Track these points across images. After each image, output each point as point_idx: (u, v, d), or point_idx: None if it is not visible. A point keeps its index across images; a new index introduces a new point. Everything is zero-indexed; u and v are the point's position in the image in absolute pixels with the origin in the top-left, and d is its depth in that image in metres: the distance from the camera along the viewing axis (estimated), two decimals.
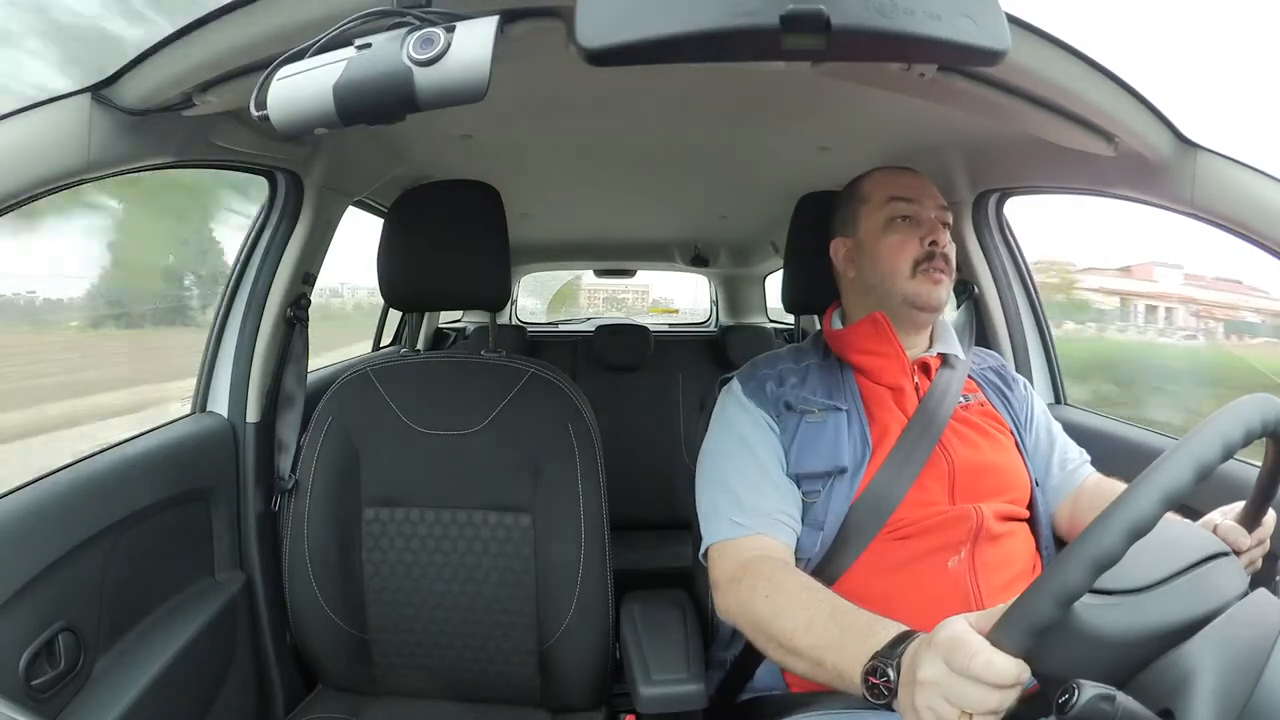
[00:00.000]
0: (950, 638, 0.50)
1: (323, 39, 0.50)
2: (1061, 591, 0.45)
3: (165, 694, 0.88)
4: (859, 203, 0.96)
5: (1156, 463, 0.47)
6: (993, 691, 0.47)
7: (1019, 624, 0.47)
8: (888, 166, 0.99)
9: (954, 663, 0.49)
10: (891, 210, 0.92)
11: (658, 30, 0.44)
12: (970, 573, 0.80)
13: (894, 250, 0.90)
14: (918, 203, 0.91)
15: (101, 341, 1.84)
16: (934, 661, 0.50)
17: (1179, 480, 0.46)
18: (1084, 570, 0.45)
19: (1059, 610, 0.46)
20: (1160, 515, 0.45)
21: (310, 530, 1.07)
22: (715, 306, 3.24)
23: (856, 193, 0.97)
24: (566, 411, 1.06)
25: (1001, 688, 0.47)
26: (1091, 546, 0.45)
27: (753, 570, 0.77)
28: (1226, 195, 0.77)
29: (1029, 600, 0.47)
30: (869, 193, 0.95)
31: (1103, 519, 0.46)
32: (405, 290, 1.12)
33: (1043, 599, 0.46)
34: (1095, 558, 0.45)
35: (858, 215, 0.95)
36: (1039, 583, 0.47)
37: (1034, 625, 0.46)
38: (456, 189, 1.10)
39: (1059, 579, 0.46)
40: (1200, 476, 0.46)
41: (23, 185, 0.63)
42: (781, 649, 0.70)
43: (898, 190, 0.93)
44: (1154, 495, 0.45)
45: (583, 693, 1.07)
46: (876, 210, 0.93)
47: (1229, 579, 0.53)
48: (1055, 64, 0.68)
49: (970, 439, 0.88)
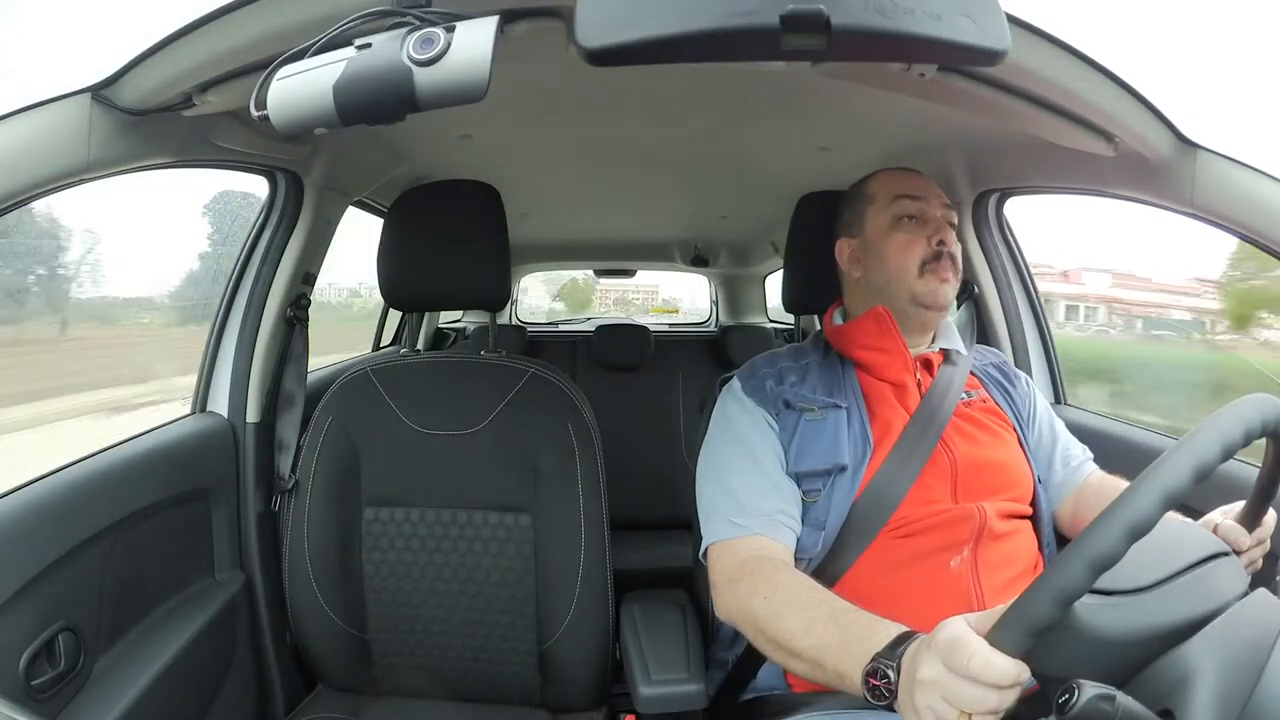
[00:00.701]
0: (949, 638, 0.50)
1: (323, 39, 0.50)
2: (1061, 592, 0.45)
3: (165, 694, 0.88)
4: (865, 203, 0.96)
5: (1156, 463, 0.47)
6: (991, 692, 0.47)
7: (1018, 625, 0.47)
8: (892, 167, 0.99)
9: (953, 663, 0.49)
10: (898, 209, 0.91)
11: (658, 30, 0.44)
12: (972, 572, 0.80)
13: (901, 249, 0.90)
14: (924, 201, 0.91)
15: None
16: (933, 662, 0.50)
17: (1178, 480, 0.46)
18: (1083, 571, 0.45)
19: (1058, 611, 0.46)
20: (1160, 515, 0.45)
21: (310, 530, 1.07)
22: (715, 306, 3.24)
23: (862, 193, 0.97)
24: (566, 411, 1.06)
25: (1000, 688, 0.47)
26: (1091, 547, 0.45)
27: (751, 571, 0.77)
28: (1226, 195, 0.77)
29: (1028, 601, 0.47)
30: (875, 192, 0.95)
31: (1102, 519, 0.46)
32: (405, 290, 1.12)
33: (1042, 600, 0.46)
34: (1095, 558, 0.45)
35: (863, 215, 0.95)
36: (1038, 583, 0.47)
37: (1033, 626, 0.46)
38: (456, 189, 1.10)
39: (1058, 579, 0.46)
40: (1200, 477, 0.46)
41: (23, 185, 0.63)
42: (781, 650, 0.70)
43: (904, 189, 0.93)
44: (1154, 495, 0.45)
45: (583, 693, 1.07)
46: (883, 210, 0.93)
47: (1229, 579, 0.53)
48: (1055, 64, 0.68)
49: (972, 435, 0.88)
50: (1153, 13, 21.46)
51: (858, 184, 0.99)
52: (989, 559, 0.81)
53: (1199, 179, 0.78)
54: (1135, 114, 0.75)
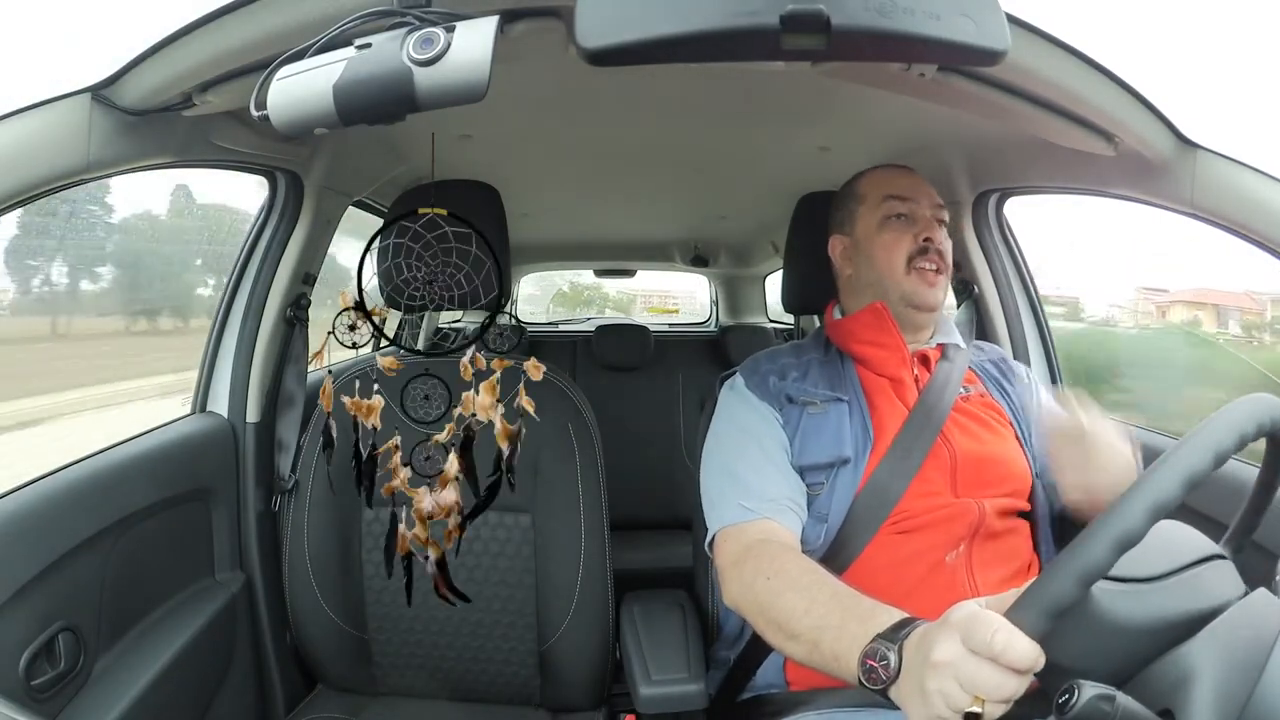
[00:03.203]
0: (968, 615, 0.48)
1: (323, 39, 0.50)
2: (1084, 570, 0.45)
3: (165, 694, 0.88)
4: (855, 202, 0.96)
5: (1177, 445, 0.48)
6: (1010, 676, 0.46)
7: (1038, 603, 0.46)
8: (884, 165, 0.99)
9: (973, 640, 0.47)
10: (887, 209, 0.92)
11: (658, 30, 0.44)
12: (967, 568, 0.80)
13: (888, 248, 0.91)
14: (913, 201, 0.92)
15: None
16: (950, 640, 0.49)
17: (1200, 462, 0.47)
18: (1108, 548, 0.45)
19: (1080, 590, 0.45)
20: (1182, 495, 0.46)
21: (310, 530, 1.07)
22: (715, 306, 3.24)
23: (853, 192, 0.98)
24: (566, 411, 1.06)
25: (1018, 672, 0.46)
26: (1116, 525, 0.45)
27: (756, 553, 0.77)
28: (1226, 195, 0.77)
29: (1050, 579, 0.47)
30: (865, 192, 0.96)
31: (1125, 498, 0.46)
32: (405, 290, 1.12)
33: (1064, 577, 0.46)
34: (1119, 536, 0.45)
35: (854, 214, 0.96)
36: (1060, 561, 0.47)
37: (1054, 604, 0.46)
38: (456, 189, 1.10)
39: (1081, 557, 0.45)
40: (1219, 460, 0.48)
41: (23, 185, 0.63)
42: (781, 633, 0.69)
43: (893, 189, 0.93)
44: (1176, 476, 0.46)
45: (583, 693, 1.07)
46: (873, 209, 0.94)
47: (1228, 579, 0.53)
48: (1055, 64, 0.68)
49: (971, 430, 0.88)
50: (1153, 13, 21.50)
51: (850, 182, 1.00)
52: (984, 555, 0.81)
53: (1199, 179, 0.78)
54: (1135, 114, 0.75)
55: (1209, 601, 0.50)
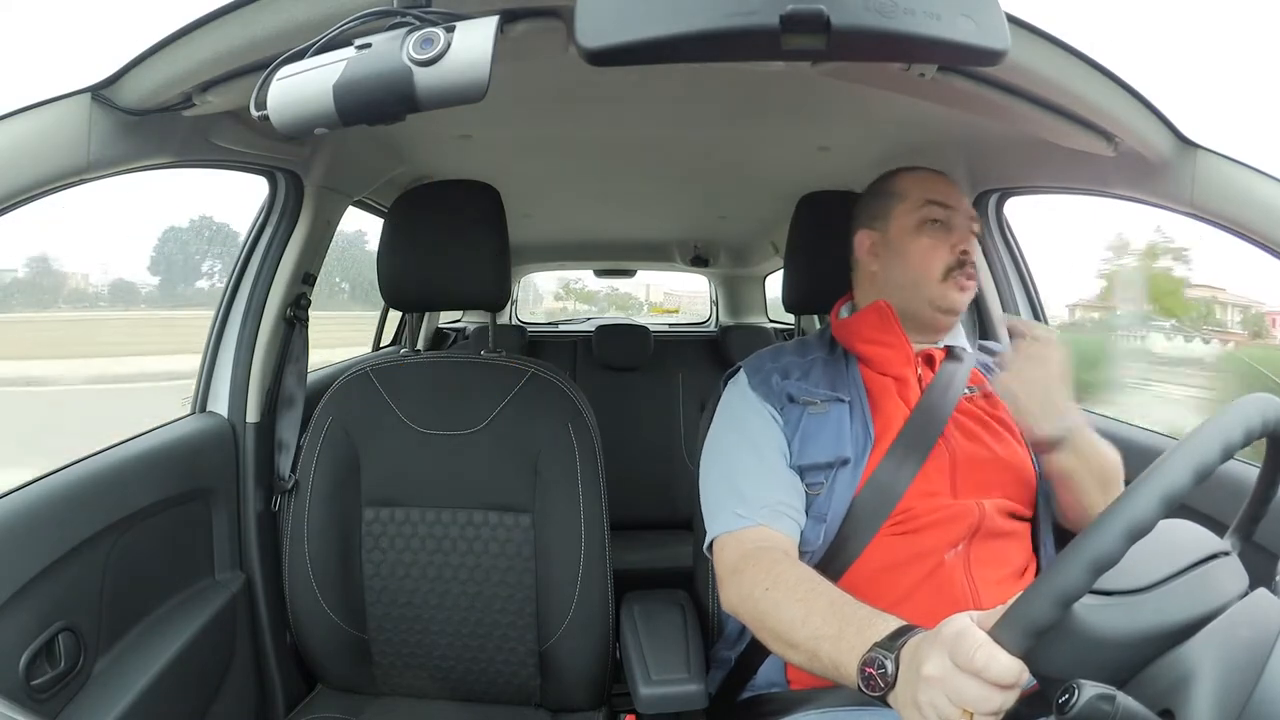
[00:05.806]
0: (956, 632, 0.50)
1: (323, 39, 0.50)
2: (1060, 593, 0.45)
3: (165, 694, 0.88)
4: (894, 199, 0.94)
5: (1156, 463, 0.47)
6: (995, 691, 0.47)
7: (1017, 624, 0.47)
8: (922, 168, 0.97)
9: (958, 656, 0.49)
10: (927, 213, 0.91)
11: (657, 30, 0.44)
12: (965, 567, 0.80)
13: (925, 253, 0.90)
14: (954, 210, 0.91)
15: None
16: (939, 656, 0.50)
17: (1179, 481, 0.46)
18: (1083, 571, 0.45)
19: (1058, 612, 0.46)
20: (1160, 516, 0.45)
21: (310, 530, 1.07)
22: (715, 306, 3.24)
23: (891, 188, 0.96)
24: (566, 411, 1.06)
25: (1002, 687, 0.47)
26: (1091, 548, 0.45)
27: (753, 561, 0.77)
28: (1226, 195, 0.77)
29: (1027, 601, 0.47)
30: (905, 190, 0.94)
31: (1102, 520, 0.46)
32: (405, 290, 1.12)
33: (1041, 600, 0.46)
34: (1094, 559, 0.45)
35: (890, 211, 0.94)
36: (1037, 584, 0.47)
37: (1033, 626, 0.46)
38: (456, 189, 1.10)
39: (1058, 580, 0.45)
40: (1200, 477, 0.46)
41: (22, 185, 0.63)
42: (780, 641, 0.70)
43: (935, 194, 0.92)
44: (1153, 496, 0.45)
45: (583, 693, 1.07)
46: (912, 210, 0.92)
47: (1229, 579, 0.53)
48: (1055, 64, 0.68)
49: (973, 431, 0.88)
50: (1153, 13, 21.50)
51: (886, 177, 0.98)
52: (983, 555, 0.81)
53: (1199, 179, 0.78)
54: (1135, 114, 0.75)
55: (1208, 604, 0.50)
